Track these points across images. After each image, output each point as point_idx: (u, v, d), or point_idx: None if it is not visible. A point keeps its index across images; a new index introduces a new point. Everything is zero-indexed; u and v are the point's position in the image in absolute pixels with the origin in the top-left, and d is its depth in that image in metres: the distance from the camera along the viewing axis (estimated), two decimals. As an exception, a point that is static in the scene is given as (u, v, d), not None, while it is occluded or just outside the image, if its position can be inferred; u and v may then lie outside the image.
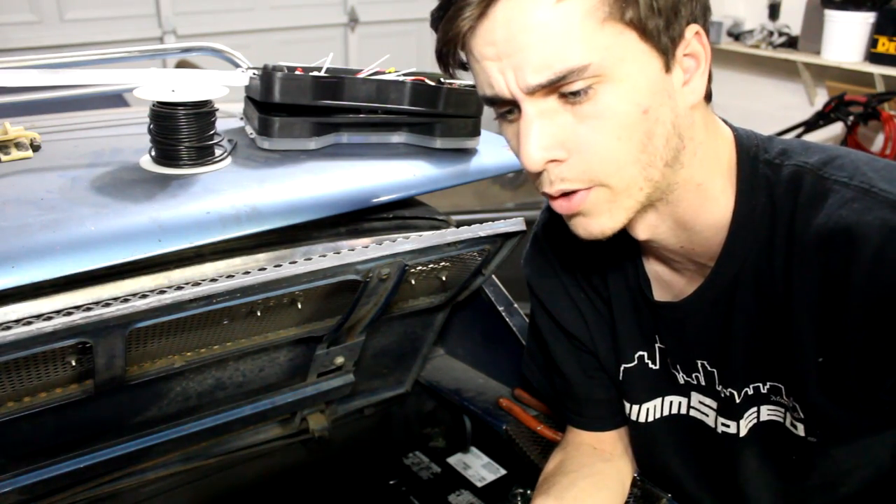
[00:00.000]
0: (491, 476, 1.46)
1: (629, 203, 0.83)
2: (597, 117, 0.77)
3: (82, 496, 1.24)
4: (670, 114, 0.80)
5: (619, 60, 0.76)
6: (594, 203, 0.82)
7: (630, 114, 0.77)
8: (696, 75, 0.81)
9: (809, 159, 0.86)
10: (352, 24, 5.33)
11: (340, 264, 1.04)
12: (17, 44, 4.14)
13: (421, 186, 1.23)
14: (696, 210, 0.88)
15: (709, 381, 0.99)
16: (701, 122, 0.85)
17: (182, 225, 1.01)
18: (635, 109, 0.77)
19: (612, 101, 0.77)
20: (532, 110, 0.78)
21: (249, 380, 1.28)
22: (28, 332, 0.85)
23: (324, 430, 1.46)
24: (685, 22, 0.78)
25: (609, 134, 0.78)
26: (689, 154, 0.84)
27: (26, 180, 1.11)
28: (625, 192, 0.82)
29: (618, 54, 0.75)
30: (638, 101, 0.77)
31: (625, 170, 0.80)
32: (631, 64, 0.76)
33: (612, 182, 0.80)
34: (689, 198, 0.87)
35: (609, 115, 0.77)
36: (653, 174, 0.81)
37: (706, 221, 0.88)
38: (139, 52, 1.53)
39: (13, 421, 1.01)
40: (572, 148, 0.79)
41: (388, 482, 1.47)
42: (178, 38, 4.63)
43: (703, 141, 0.86)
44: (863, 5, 4.02)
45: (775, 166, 0.87)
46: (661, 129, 0.80)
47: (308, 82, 1.23)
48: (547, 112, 0.78)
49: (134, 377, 1.07)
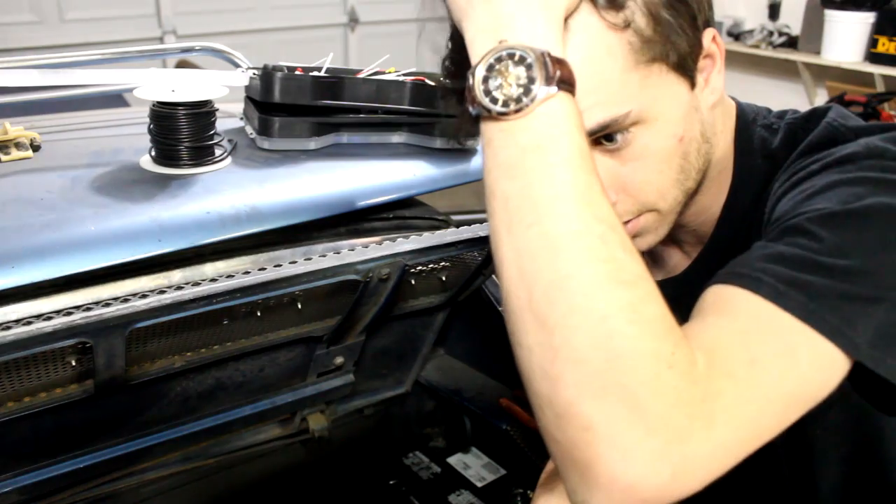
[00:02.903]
0: (491, 476, 1.46)
1: (671, 219, 0.85)
2: (637, 159, 0.79)
3: (82, 496, 1.24)
4: (699, 126, 0.82)
5: (652, 100, 0.76)
6: (644, 226, 0.85)
7: (668, 148, 0.79)
8: (713, 74, 0.83)
9: (798, 114, 0.89)
10: (352, 24, 5.33)
11: (340, 264, 1.04)
12: (17, 44, 4.14)
13: (421, 186, 1.23)
14: (711, 195, 0.90)
15: None
16: (720, 114, 0.87)
17: (182, 225, 1.01)
18: (672, 142, 0.79)
19: (649, 141, 0.78)
20: None
21: (249, 380, 1.28)
22: (28, 332, 0.85)
23: (324, 430, 1.46)
24: (702, 32, 0.79)
25: (651, 171, 0.80)
26: (714, 150, 0.86)
27: (26, 180, 1.11)
28: (670, 212, 0.84)
29: (651, 94, 0.76)
30: (674, 133, 0.79)
31: (668, 194, 0.82)
32: (663, 100, 0.77)
33: (658, 206, 0.83)
34: (710, 185, 0.88)
35: (649, 154, 0.79)
36: (689, 185, 0.84)
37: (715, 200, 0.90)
38: (139, 52, 1.53)
39: (13, 421, 1.01)
40: (619, 189, 0.81)
41: (388, 482, 1.47)
42: (178, 38, 4.63)
43: (722, 129, 0.88)
44: (863, 5, 4.02)
45: (772, 130, 0.89)
46: (693, 145, 0.81)
47: (308, 82, 1.23)
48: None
49: (134, 377, 1.07)
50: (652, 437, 0.55)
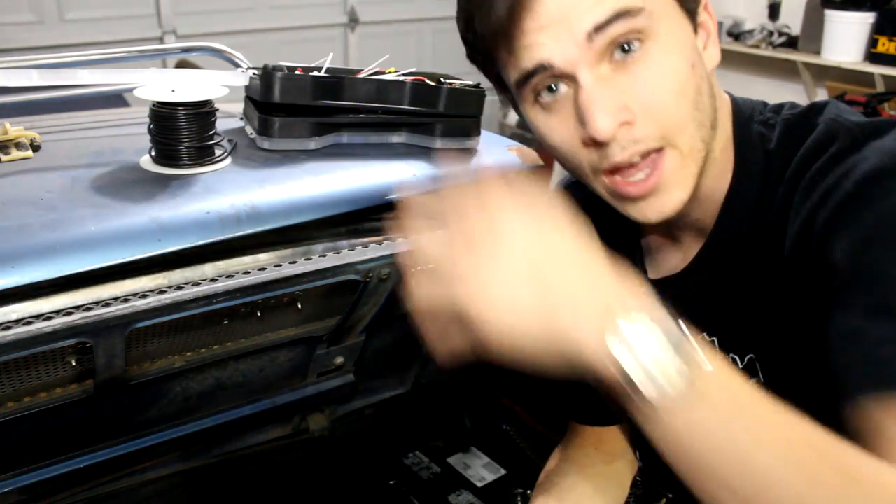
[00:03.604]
0: (491, 476, 1.46)
1: (694, 169, 0.83)
2: (653, 75, 0.78)
3: (82, 496, 1.24)
4: (704, 73, 0.83)
5: (661, 17, 0.78)
6: (670, 171, 0.82)
7: (682, 69, 0.79)
8: (709, 42, 0.85)
9: (795, 110, 0.90)
10: (352, 24, 5.33)
11: (340, 264, 1.04)
12: (17, 44, 4.14)
13: (421, 186, 1.23)
14: (713, 180, 0.89)
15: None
16: (717, 99, 0.88)
17: (182, 225, 1.01)
18: (685, 64, 0.80)
19: (663, 58, 0.78)
20: (590, 78, 0.77)
21: (249, 380, 1.28)
22: (28, 332, 0.85)
23: (324, 430, 1.46)
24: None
25: (669, 90, 0.79)
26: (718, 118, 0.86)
27: (26, 180, 1.11)
28: (690, 156, 0.82)
29: (659, 9, 0.78)
30: (686, 55, 0.80)
31: (687, 128, 0.81)
32: (670, 21, 0.79)
33: (679, 142, 0.81)
34: (712, 167, 0.88)
35: (664, 71, 0.78)
36: (705, 135, 0.83)
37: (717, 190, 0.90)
38: (139, 52, 1.53)
39: (13, 421, 1.01)
40: (637, 109, 0.79)
41: (388, 482, 1.47)
42: (178, 38, 4.63)
43: (720, 117, 0.88)
44: (863, 5, 4.02)
45: (769, 125, 0.89)
46: (705, 85, 0.82)
47: (308, 82, 1.23)
48: (604, 78, 0.78)
49: (134, 377, 1.07)
50: None
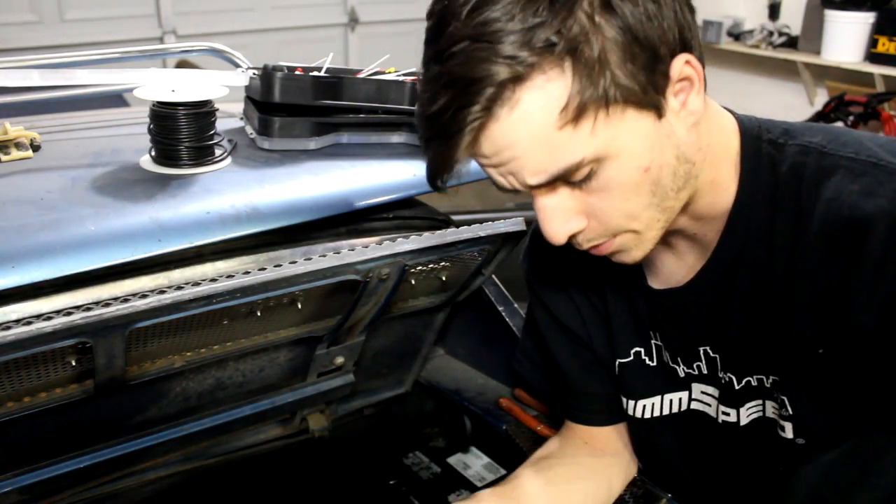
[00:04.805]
0: (491, 476, 1.46)
1: (654, 234, 0.85)
2: (602, 190, 0.79)
3: (82, 496, 1.24)
4: (673, 151, 0.80)
5: (610, 140, 0.75)
6: (622, 244, 0.85)
7: (633, 179, 0.79)
8: (691, 96, 0.80)
9: (813, 138, 0.86)
10: (352, 24, 5.33)
11: (340, 264, 1.04)
12: (17, 44, 4.14)
13: (421, 186, 1.22)
14: (711, 203, 0.89)
15: (711, 369, 0.98)
16: (705, 129, 0.84)
17: (182, 225, 1.01)
18: (637, 173, 0.79)
19: (613, 174, 0.78)
20: (542, 198, 0.81)
21: (249, 380, 1.28)
22: (28, 332, 0.84)
23: (324, 430, 1.46)
24: (669, 61, 0.76)
25: (618, 199, 0.80)
26: (699, 166, 0.85)
27: (26, 180, 1.11)
28: (647, 230, 0.84)
29: (607, 135, 0.75)
30: (638, 164, 0.78)
31: (642, 216, 0.82)
32: (622, 137, 0.76)
33: (633, 227, 0.83)
34: (704, 195, 0.88)
35: (614, 185, 0.79)
36: (668, 204, 0.83)
37: (719, 208, 0.89)
38: (139, 52, 1.53)
39: (13, 421, 1.01)
40: (589, 214, 0.82)
41: (388, 482, 1.47)
42: (178, 38, 4.64)
43: (710, 142, 0.85)
44: (863, 5, 4.02)
45: (779, 146, 0.87)
46: (666, 170, 0.80)
47: (308, 82, 1.23)
48: (557, 195, 0.81)
49: (134, 377, 1.07)
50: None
